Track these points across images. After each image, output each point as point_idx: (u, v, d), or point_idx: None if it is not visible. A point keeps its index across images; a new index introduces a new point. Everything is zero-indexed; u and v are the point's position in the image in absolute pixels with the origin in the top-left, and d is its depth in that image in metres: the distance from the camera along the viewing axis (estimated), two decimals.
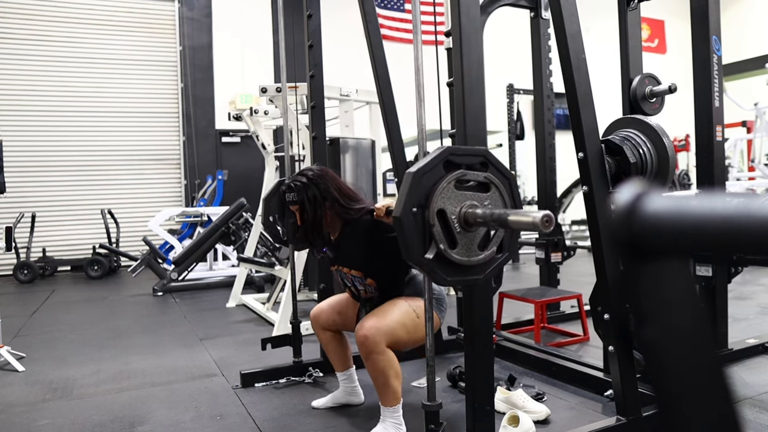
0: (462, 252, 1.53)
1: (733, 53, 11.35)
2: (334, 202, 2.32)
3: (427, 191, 1.50)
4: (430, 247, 1.50)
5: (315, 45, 3.09)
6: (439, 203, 1.50)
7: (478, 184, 1.57)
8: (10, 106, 8.02)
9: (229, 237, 6.09)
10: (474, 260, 1.56)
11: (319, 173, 2.37)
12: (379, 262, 2.30)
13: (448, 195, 1.51)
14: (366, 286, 2.35)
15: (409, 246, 1.49)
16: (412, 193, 1.48)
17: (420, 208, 1.49)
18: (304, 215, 2.33)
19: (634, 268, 0.41)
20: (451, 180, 1.51)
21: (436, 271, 1.51)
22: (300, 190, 2.32)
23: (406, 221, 1.48)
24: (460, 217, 1.53)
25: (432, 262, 1.50)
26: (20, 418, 2.59)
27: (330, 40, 3.93)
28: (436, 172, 1.51)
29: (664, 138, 2.27)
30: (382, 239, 2.27)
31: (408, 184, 1.49)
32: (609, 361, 2.40)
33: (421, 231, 1.50)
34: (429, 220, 1.49)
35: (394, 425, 2.20)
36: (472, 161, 1.57)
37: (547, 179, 4.12)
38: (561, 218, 8.25)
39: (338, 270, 2.43)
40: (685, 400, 0.40)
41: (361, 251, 2.33)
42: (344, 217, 2.34)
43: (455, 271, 1.55)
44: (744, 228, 0.35)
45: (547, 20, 3.99)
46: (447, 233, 1.52)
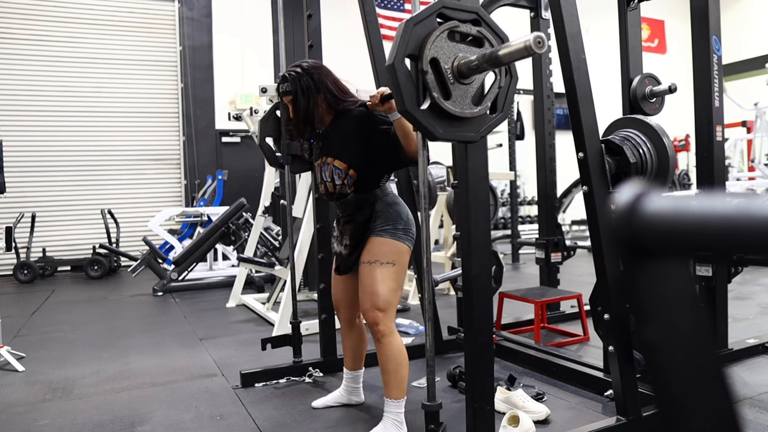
0: (456, 104, 1.52)
1: (733, 53, 11.35)
2: (327, 93, 2.26)
3: (419, 41, 1.48)
4: (424, 98, 1.49)
5: (315, 45, 3.09)
6: (432, 52, 1.48)
7: (471, 39, 1.56)
8: (10, 106, 8.02)
9: (229, 237, 6.09)
10: (467, 113, 1.54)
11: (314, 64, 2.32)
12: (366, 154, 2.23)
13: (441, 45, 1.50)
14: (345, 179, 2.24)
15: (402, 95, 1.46)
16: (404, 42, 1.46)
17: (413, 58, 1.48)
18: (296, 106, 2.25)
19: (634, 268, 0.41)
20: (444, 30, 1.50)
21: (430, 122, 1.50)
22: (294, 80, 2.25)
23: (399, 68, 1.46)
24: (453, 68, 1.52)
25: (426, 113, 1.49)
26: (20, 418, 2.59)
27: (330, 40, 3.93)
28: (429, 23, 1.50)
29: (664, 138, 2.28)
30: (373, 130, 2.21)
31: (401, 32, 1.47)
32: (609, 361, 2.40)
33: (414, 80, 1.48)
34: (422, 68, 1.47)
35: (395, 424, 2.19)
36: (466, 17, 1.56)
37: (547, 179, 4.12)
38: (561, 218, 8.24)
39: (323, 162, 2.33)
40: (685, 400, 0.40)
41: (349, 140, 2.25)
42: (337, 108, 2.28)
43: (449, 125, 1.53)
44: (744, 228, 0.35)
45: (547, 20, 3.99)
46: (440, 83, 1.50)
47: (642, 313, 0.41)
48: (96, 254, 7.49)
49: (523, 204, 9.60)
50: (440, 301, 4.45)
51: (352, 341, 2.55)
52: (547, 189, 4.14)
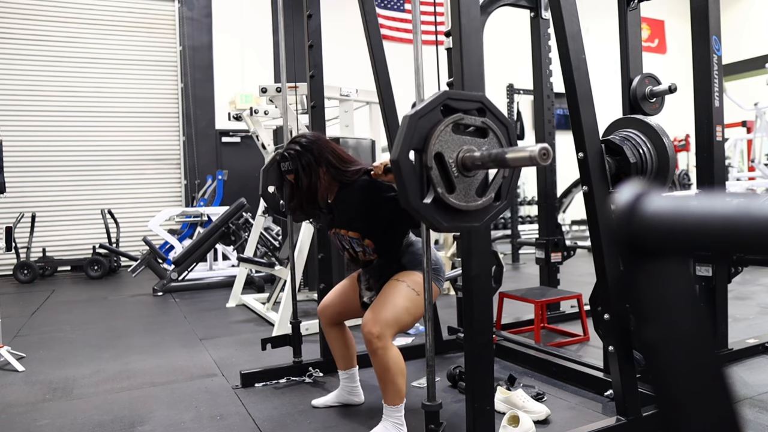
0: (460, 197, 1.52)
1: (733, 53, 11.36)
2: (329, 166, 2.28)
3: (424, 134, 1.48)
4: (428, 192, 1.50)
5: (315, 45, 3.09)
6: (436, 146, 1.48)
7: (475, 129, 1.56)
8: (10, 106, 8.02)
9: (229, 237, 6.09)
10: (472, 206, 1.54)
11: (312, 139, 2.33)
12: (377, 223, 2.26)
13: (446, 139, 1.50)
14: (364, 248, 2.30)
15: (406, 190, 1.47)
16: (408, 137, 1.46)
17: (417, 152, 1.48)
18: (299, 183, 2.28)
19: (634, 268, 0.41)
20: (448, 123, 1.50)
21: (433, 216, 1.50)
22: (294, 159, 2.27)
23: (404, 164, 1.46)
24: (457, 161, 1.52)
25: (430, 207, 1.49)
26: (20, 418, 2.59)
27: (330, 40, 3.94)
28: (433, 116, 1.50)
29: (664, 138, 2.27)
30: (379, 199, 2.23)
31: (405, 126, 1.47)
32: (609, 361, 2.40)
33: (418, 175, 1.49)
34: (426, 163, 1.48)
35: (395, 425, 2.19)
36: (470, 107, 1.56)
37: (547, 179, 4.12)
38: (561, 218, 8.24)
39: (336, 233, 2.38)
40: (685, 400, 0.40)
41: (358, 211, 2.28)
42: (340, 180, 2.30)
43: (453, 217, 1.53)
44: (744, 228, 0.35)
45: (547, 20, 3.99)
46: (445, 177, 1.50)
47: (642, 313, 0.41)
48: (96, 254, 7.49)
49: (523, 204, 9.59)
50: (440, 301, 4.45)
51: (337, 341, 2.56)
52: (547, 189, 4.14)
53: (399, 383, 2.18)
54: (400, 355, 2.19)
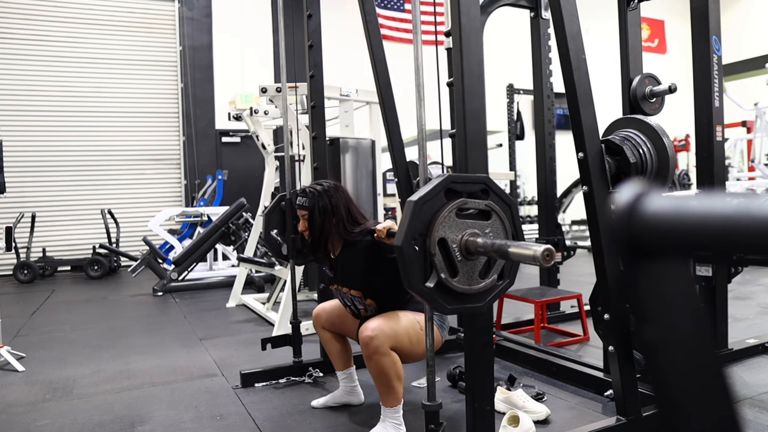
0: (463, 280, 1.53)
1: (733, 53, 11.35)
2: (339, 220, 2.33)
3: (428, 220, 1.50)
4: (431, 275, 1.50)
5: (315, 45, 3.09)
6: (440, 232, 1.49)
7: (479, 211, 1.57)
8: (10, 106, 8.02)
9: (229, 237, 6.09)
10: (475, 288, 1.56)
11: (333, 187, 2.39)
12: (379, 283, 2.29)
13: (449, 223, 1.51)
14: (366, 306, 2.34)
15: (409, 275, 1.49)
16: (413, 223, 1.48)
17: (421, 237, 1.49)
18: (312, 224, 2.34)
19: (634, 268, 0.41)
20: (452, 209, 1.51)
21: (436, 299, 1.52)
22: (313, 198, 2.33)
23: (407, 250, 1.47)
24: (461, 245, 1.53)
25: (432, 291, 1.50)
26: (20, 418, 2.59)
27: (330, 40, 3.94)
28: (437, 201, 1.51)
29: (664, 138, 2.27)
30: (381, 260, 2.27)
31: (409, 213, 1.48)
32: (609, 361, 2.40)
33: (422, 260, 1.50)
34: (430, 249, 1.49)
35: (394, 425, 2.20)
36: (473, 189, 1.58)
37: (547, 179, 4.12)
38: (561, 218, 8.24)
39: (338, 290, 2.43)
40: (685, 400, 0.40)
41: (360, 272, 2.32)
42: (345, 238, 2.35)
43: (456, 300, 1.55)
44: (744, 228, 0.35)
45: (547, 20, 3.99)
46: (448, 262, 1.52)
47: (642, 313, 0.41)
48: (96, 254, 7.49)
49: (523, 204, 9.60)
50: None
51: (332, 343, 2.57)
52: (547, 189, 4.13)
53: (396, 387, 2.17)
54: (398, 359, 2.16)
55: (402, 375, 2.19)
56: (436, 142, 2.15)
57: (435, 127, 2.12)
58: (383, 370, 2.13)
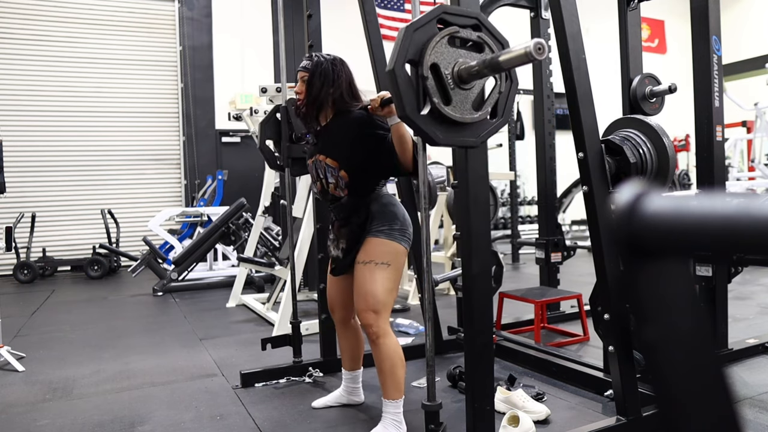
0: (456, 109, 1.52)
1: (733, 53, 11.35)
2: (338, 89, 2.28)
3: (420, 46, 1.48)
4: (424, 104, 1.49)
5: (315, 45, 3.10)
6: (432, 57, 1.48)
7: (472, 44, 1.55)
8: (10, 106, 8.02)
9: (229, 237, 6.09)
10: (468, 118, 1.54)
11: (339, 60, 2.37)
12: (359, 157, 2.23)
13: (441, 51, 1.50)
14: (338, 179, 2.26)
15: (403, 101, 1.47)
16: (405, 47, 1.47)
17: (413, 63, 1.48)
18: (310, 87, 2.28)
19: (634, 268, 0.41)
20: (444, 36, 1.50)
21: (430, 128, 1.50)
22: (316, 63, 2.30)
23: (400, 74, 1.46)
24: (453, 73, 1.52)
25: (426, 119, 1.49)
26: (20, 418, 2.59)
27: (330, 40, 3.93)
28: (429, 28, 1.50)
29: (664, 138, 2.27)
30: (369, 134, 2.22)
31: (401, 38, 1.47)
32: (609, 361, 2.40)
33: (414, 86, 1.49)
34: (423, 73, 1.47)
35: (394, 424, 2.20)
36: (466, 23, 1.56)
37: (547, 179, 4.12)
38: (561, 218, 8.24)
39: (315, 160, 2.35)
40: (685, 400, 0.40)
41: (344, 140, 2.26)
42: (339, 107, 2.30)
43: (449, 130, 1.53)
44: (744, 228, 0.35)
45: (547, 20, 3.99)
46: (441, 89, 1.50)
47: (642, 313, 0.41)
48: (96, 254, 7.49)
49: (523, 204, 9.60)
50: (440, 301, 4.44)
51: (348, 342, 2.56)
52: (547, 189, 4.13)
53: (398, 374, 2.20)
54: (399, 345, 2.24)
55: (404, 362, 2.24)
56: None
57: None
58: (388, 353, 2.19)
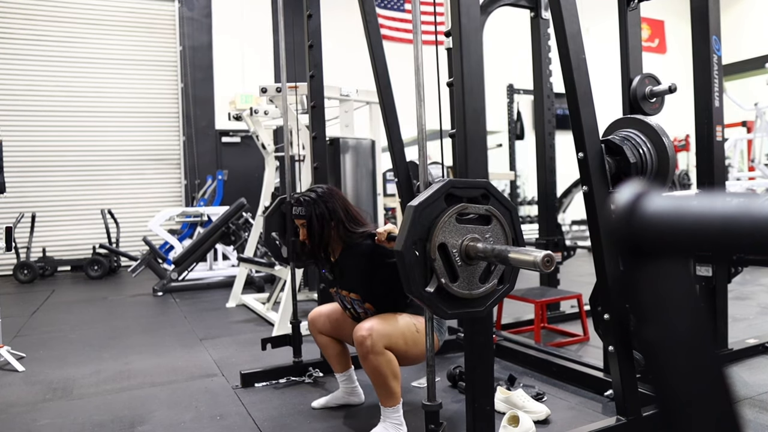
0: (463, 285, 1.53)
1: (733, 53, 11.35)
2: (339, 223, 2.32)
3: (428, 225, 1.50)
4: (431, 280, 1.50)
5: (315, 45, 3.09)
6: (440, 237, 1.49)
7: (479, 216, 1.56)
8: (10, 106, 8.02)
9: (229, 237, 6.09)
10: (475, 293, 1.56)
11: (328, 191, 2.38)
12: (378, 287, 2.29)
13: (450, 228, 1.51)
14: (365, 310, 2.34)
15: (410, 280, 1.49)
16: (413, 228, 1.48)
17: (421, 241, 1.49)
18: (311, 232, 2.33)
19: (634, 268, 0.41)
20: (452, 214, 1.51)
21: (437, 304, 1.51)
22: (309, 205, 2.33)
23: (408, 255, 1.48)
24: (461, 250, 1.53)
25: (433, 296, 1.50)
26: (20, 418, 2.59)
27: (330, 40, 3.93)
28: (437, 206, 1.51)
29: (664, 138, 2.27)
30: (381, 264, 2.26)
31: (409, 218, 1.48)
32: (609, 361, 2.39)
33: (422, 265, 1.50)
34: (430, 254, 1.49)
35: (394, 425, 2.19)
36: (474, 194, 1.57)
37: (547, 179, 4.12)
38: (561, 218, 8.24)
39: (337, 292, 2.43)
40: (685, 401, 0.40)
41: (359, 275, 2.32)
42: (345, 240, 2.34)
43: (456, 304, 1.55)
44: (744, 228, 0.35)
45: (547, 20, 3.99)
46: (448, 267, 1.52)
47: (642, 313, 0.41)
48: (96, 254, 7.49)
49: (523, 204, 9.60)
50: None
51: (330, 346, 2.56)
52: (547, 189, 4.13)
53: (392, 386, 2.16)
54: (393, 358, 2.15)
55: (398, 374, 2.18)
56: (436, 142, 2.15)
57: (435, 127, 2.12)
58: (378, 369, 2.12)
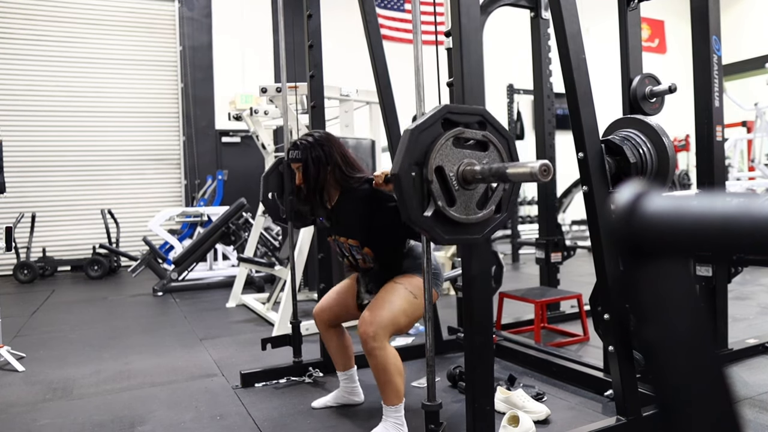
0: (460, 210, 1.53)
1: (733, 53, 11.35)
2: (335, 167, 2.29)
3: (425, 149, 1.49)
4: (428, 205, 1.50)
5: (315, 45, 3.09)
6: (437, 160, 1.49)
7: (476, 142, 1.56)
8: (10, 106, 8.02)
9: (229, 237, 6.09)
10: (473, 218, 1.55)
11: (325, 136, 2.36)
12: (377, 232, 2.27)
13: (446, 152, 1.51)
14: (364, 256, 2.31)
15: (407, 204, 1.48)
16: (410, 151, 1.47)
17: (418, 165, 1.49)
18: (307, 175, 2.30)
19: (634, 268, 0.41)
20: (449, 137, 1.51)
21: (434, 229, 1.51)
22: (305, 149, 2.30)
23: (405, 178, 1.47)
24: (458, 174, 1.53)
25: (430, 220, 1.50)
26: (20, 418, 2.59)
27: (330, 40, 3.93)
28: (434, 130, 1.51)
29: (664, 138, 2.27)
30: (379, 208, 2.24)
31: (406, 141, 1.48)
32: (609, 361, 2.40)
33: (419, 188, 1.50)
34: (427, 177, 1.48)
35: (395, 425, 2.19)
36: (470, 120, 1.57)
37: None
38: (561, 218, 8.24)
39: (335, 240, 2.39)
40: (685, 401, 0.40)
41: (358, 220, 2.29)
42: (343, 185, 2.31)
43: (453, 230, 1.54)
44: (744, 228, 0.35)
45: (547, 20, 3.99)
46: (445, 191, 1.51)
47: (642, 313, 0.41)
48: (96, 254, 7.49)
49: (523, 204, 9.59)
50: (440, 302, 4.44)
51: (334, 342, 2.56)
52: (547, 189, 4.13)
53: (397, 383, 2.17)
54: (397, 355, 2.19)
55: (402, 370, 2.20)
56: None
57: None
58: (384, 364, 2.14)
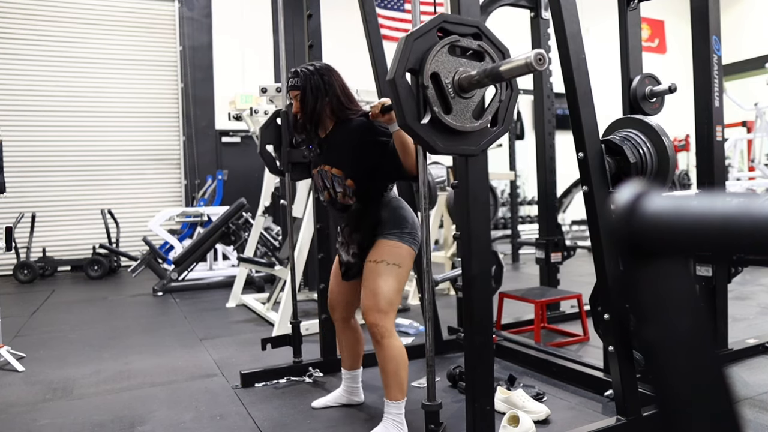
0: (457, 118, 1.53)
1: (733, 53, 11.35)
2: (333, 98, 2.28)
3: (420, 55, 1.49)
4: (424, 113, 1.50)
5: (315, 45, 3.09)
6: (432, 67, 1.49)
7: (472, 53, 1.56)
8: (10, 106, 8.01)
9: (229, 237, 6.09)
10: (468, 127, 1.55)
11: (326, 66, 2.35)
12: (364, 164, 2.24)
13: (442, 60, 1.51)
14: (345, 188, 2.26)
15: (403, 110, 1.47)
16: (405, 56, 1.47)
17: (413, 72, 1.49)
18: (304, 103, 2.28)
19: (634, 268, 0.41)
20: (444, 44, 1.51)
21: (430, 136, 1.50)
22: (305, 77, 2.28)
23: (400, 83, 1.47)
24: (454, 82, 1.52)
25: (426, 127, 1.50)
26: (20, 418, 2.59)
27: (330, 40, 3.93)
28: (429, 37, 1.51)
29: (664, 138, 2.27)
30: (372, 142, 2.21)
31: (401, 47, 1.48)
32: (609, 361, 2.40)
33: (415, 95, 1.49)
34: (423, 82, 1.48)
35: (395, 424, 2.19)
36: (466, 31, 1.56)
37: (547, 179, 4.12)
38: (561, 218, 8.24)
39: (320, 170, 2.35)
40: (685, 401, 0.40)
41: (348, 150, 2.26)
42: (339, 116, 2.30)
43: (450, 139, 1.54)
44: (744, 228, 0.35)
45: (547, 20, 3.99)
46: (441, 98, 1.51)
47: (642, 313, 0.41)
48: (96, 254, 7.49)
49: (523, 204, 9.59)
50: (440, 301, 4.45)
51: (348, 340, 2.56)
52: (547, 189, 4.13)
53: (402, 375, 2.20)
54: (403, 347, 2.23)
55: (407, 365, 2.23)
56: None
57: None
58: (391, 355, 2.19)
